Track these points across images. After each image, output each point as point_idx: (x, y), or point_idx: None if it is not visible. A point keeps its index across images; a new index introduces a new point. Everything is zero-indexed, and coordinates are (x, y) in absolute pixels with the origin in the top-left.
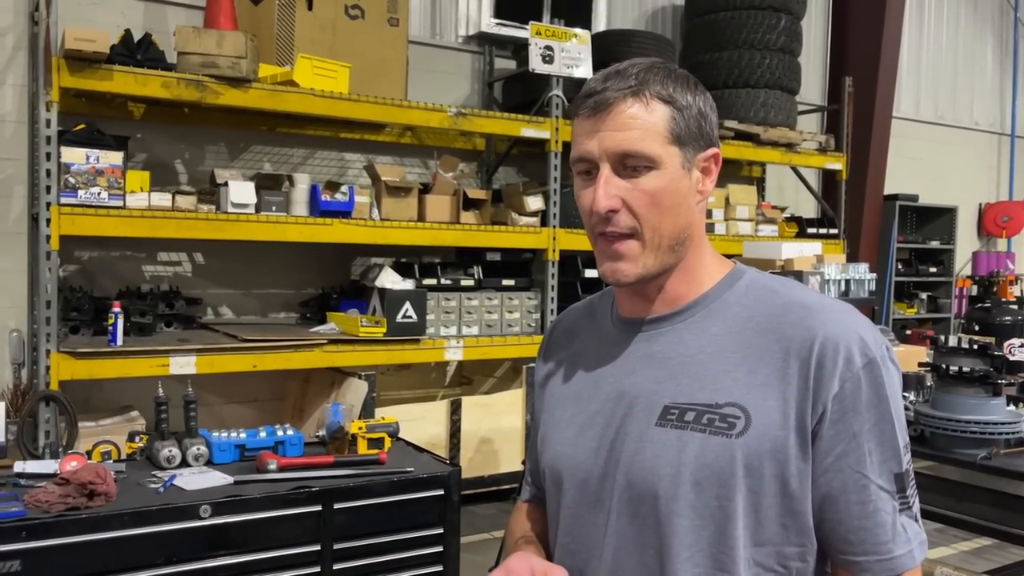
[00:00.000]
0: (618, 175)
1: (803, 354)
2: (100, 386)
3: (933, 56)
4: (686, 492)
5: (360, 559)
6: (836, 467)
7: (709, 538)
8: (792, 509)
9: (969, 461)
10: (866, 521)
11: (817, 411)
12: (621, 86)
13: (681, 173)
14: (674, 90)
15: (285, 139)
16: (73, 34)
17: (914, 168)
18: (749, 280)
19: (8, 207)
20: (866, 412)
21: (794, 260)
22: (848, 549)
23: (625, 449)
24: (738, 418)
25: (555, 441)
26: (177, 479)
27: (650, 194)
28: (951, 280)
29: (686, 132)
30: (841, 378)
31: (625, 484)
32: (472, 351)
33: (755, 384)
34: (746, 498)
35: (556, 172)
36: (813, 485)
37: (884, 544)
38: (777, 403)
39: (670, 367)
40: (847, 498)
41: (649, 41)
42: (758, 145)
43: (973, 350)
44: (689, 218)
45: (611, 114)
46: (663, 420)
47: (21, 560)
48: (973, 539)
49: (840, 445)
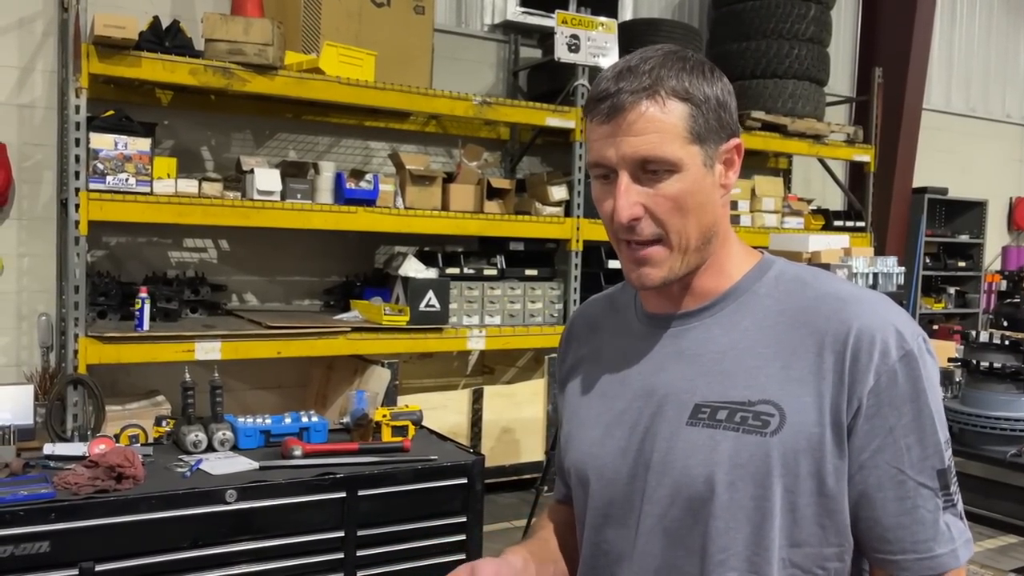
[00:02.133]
0: (638, 181)
1: (838, 348)
2: (127, 370)
3: (965, 47)
4: (720, 493)
5: (384, 546)
6: (872, 463)
7: (744, 540)
8: (829, 508)
9: (999, 458)
10: (904, 518)
11: (852, 406)
12: (635, 87)
13: (703, 172)
14: (690, 84)
15: (310, 127)
16: (103, 20)
17: (944, 161)
18: (779, 271)
19: (37, 192)
20: (903, 406)
21: (821, 253)
22: (886, 548)
23: (656, 449)
24: (772, 416)
25: (581, 440)
26: (203, 464)
27: (673, 199)
28: (980, 275)
29: (706, 128)
30: (877, 371)
31: (655, 485)
32: (494, 341)
33: (789, 380)
34: (782, 498)
35: (580, 162)
36: (849, 482)
37: (924, 543)
38: (812, 399)
39: (700, 364)
40: (884, 495)
41: (676, 30)
42: (785, 136)
43: (1005, 346)
44: (714, 215)
45: (627, 119)
46: (694, 419)
47: (50, 541)
48: (999, 536)
49: (876, 440)
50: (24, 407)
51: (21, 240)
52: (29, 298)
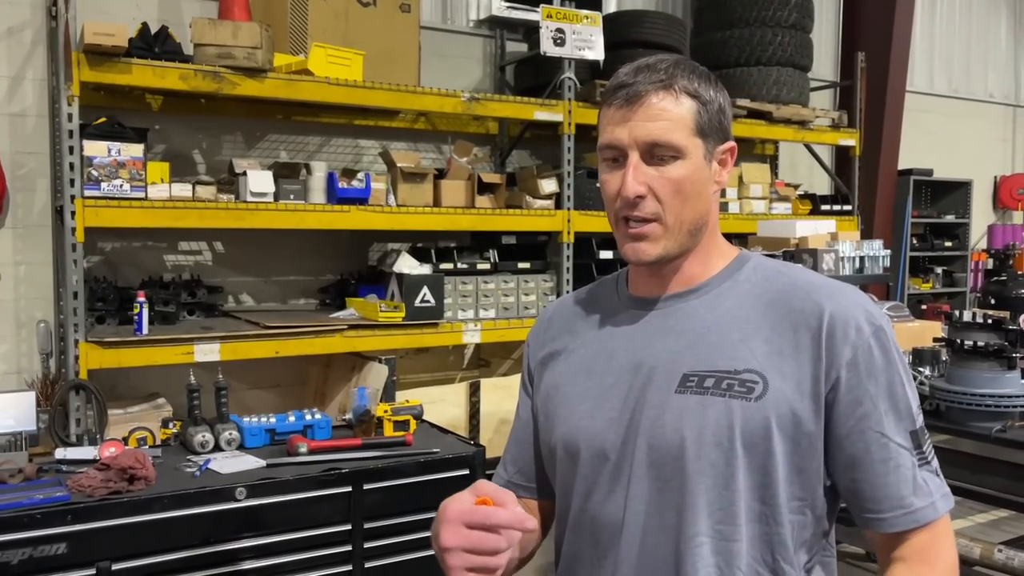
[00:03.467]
0: (645, 163)
1: (813, 325)
2: (126, 374)
3: (946, 28)
4: (708, 452)
5: (390, 537)
6: (858, 429)
7: (725, 494)
8: (798, 466)
9: (984, 434)
10: (889, 477)
11: (831, 378)
12: (652, 79)
13: (703, 163)
14: (699, 85)
15: (301, 127)
16: (92, 28)
17: (928, 142)
18: (755, 263)
19: (32, 200)
20: (880, 375)
21: (808, 238)
22: (875, 507)
23: (645, 416)
24: (756, 383)
25: (569, 415)
26: (212, 463)
27: (675, 182)
28: (967, 254)
29: (708, 125)
30: (853, 346)
31: (646, 449)
32: (489, 334)
33: (770, 353)
34: (761, 456)
35: (570, 155)
36: (838, 450)
37: (905, 498)
38: (791, 370)
39: (687, 338)
40: (871, 458)
41: (660, 21)
42: (771, 123)
43: (988, 324)
44: (707, 206)
45: (643, 105)
46: (682, 387)
47: (67, 543)
48: (990, 511)
49: (859, 408)
50: (27, 414)
51: (17, 248)
52: (27, 305)
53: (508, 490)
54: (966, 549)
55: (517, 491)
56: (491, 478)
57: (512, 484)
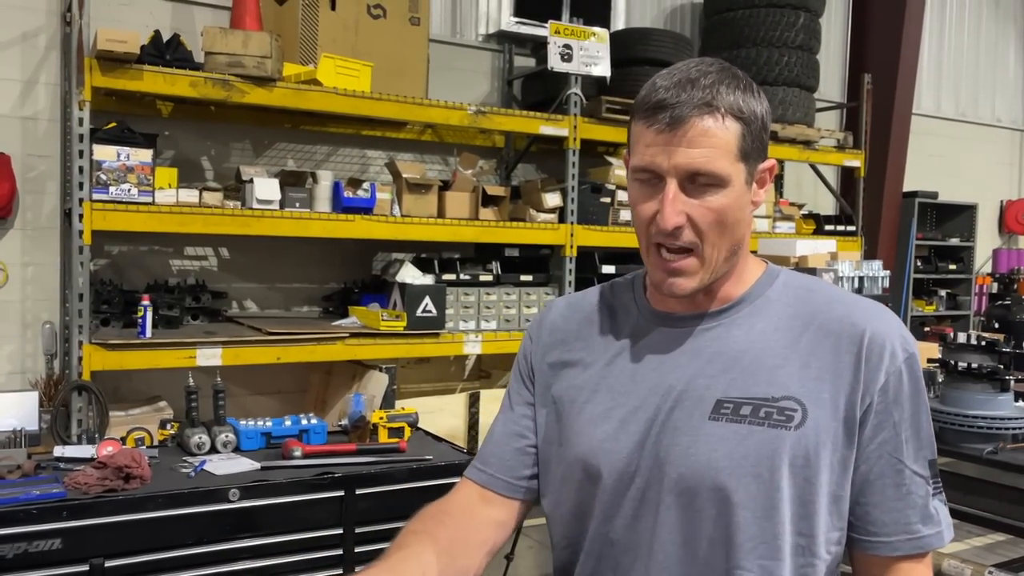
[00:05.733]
0: (684, 191)
1: (854, 348)
2: (129, 377)
3: (955, 52)
4: (748, 483)
5: (381, 542)
6: (876, 454)
7: (766, 528)
8: (836, 496)
9: (975, 455)
10: (899, 503)
11: (865, 402)
12: (696, 100)
13: (744, 189)
14: (743, 102)
15: (308, 136)
16: (105, 35)
17: (934, 165)
18: (785, 279)
19: (41, 203)
20: (906, 403)
21: (808, 257)
22: (882, 531)
23: (676, 443)
24: (795, 411)
25: (591, 435)
26: (207, 464)
27: (716, 212)
28: (971, 277)
29: (752, 147)
30: (887, 371)
31: (677, 477)
32: (490, 345)
33: (808, 378)
34: (800, 487)
35: (574, 169)
36: (853, 471)
37: (914, 524)
38: (829, 396)
39: (720, 362)
40: (884, 482)
41: (667, 39)
42: (776, 142)
43: (981, 346)
44: (745, 230)
45: (686, 131)
46: (716, 414)
47: (62, 538)
48: (987, 535)
49: (882, 434)
50: (29, 413)
51: (25, 249)
52: (33, 306)
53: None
54: (956, 571)
55: (498, 488)
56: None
57: (495, 479)
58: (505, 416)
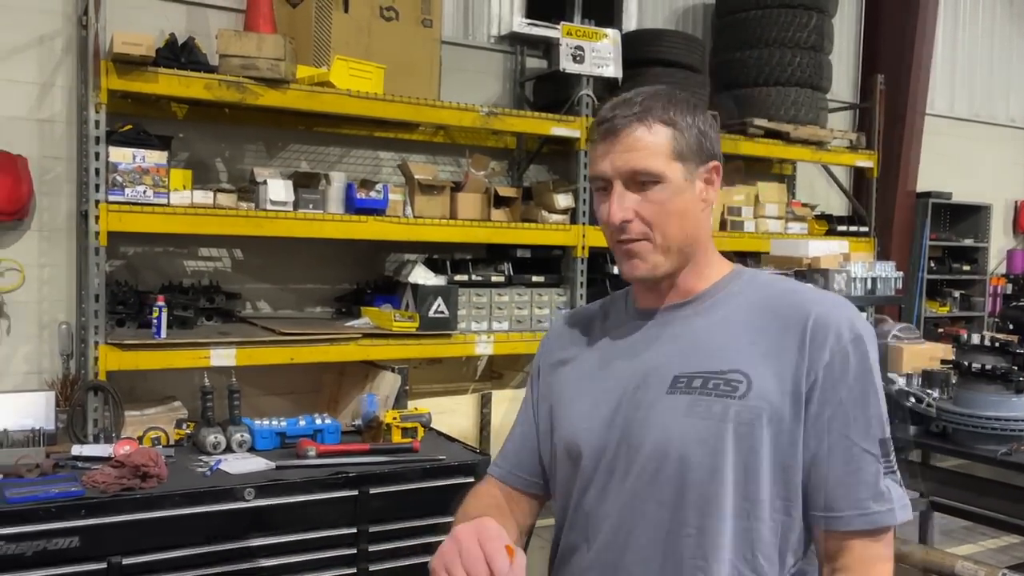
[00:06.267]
0: (629, 190)
1: (798, 328)
2: (144, 377)
3: (968, 52)
4: (694, 449)
5: (394, 541)
6: (824, 430)
7: (715, 488)
8: (782, 464)
9: (990, 456)
10: (849, 478)
11: (810, 379)
12: (626, 113)
13: (684, 185)
14: (674, 113)
15: (321, 138)
16: (121, 38)
17: (948, 165)
18: (750, 276)
19: (57, 204)
20: (853, 381)
21: (820, 258)
22: (832, 506)
23: (636, 417)
24: (740, 382)
25: (569, 417)
26: (222, 463)
27: (658, 204)
28: (984, 278)
29: (687, 149)
30: (831, 350)
31: (637, 445)
32: (502, 346)
33: (755, 354)
34: (746, 455)
35: (585, 170)
36: (804, 447)
37: (864, 500)
38: (774, 370)
39: (679, 344)
40: (833, 458)
41: (679, 40)
42: (788, 143)
43: (995, 348)
44: (696, 223)
45: (620, 138)
46: (673, 388)
47: (80, 536)
48: (1000, 536)
49: (828, 410)
50: (46, 413)
51: (42, 251)
52: (50, 307)
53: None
54: (970, 572)
55: (515, 483)
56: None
57: (512, 475)
58: (523, 416)
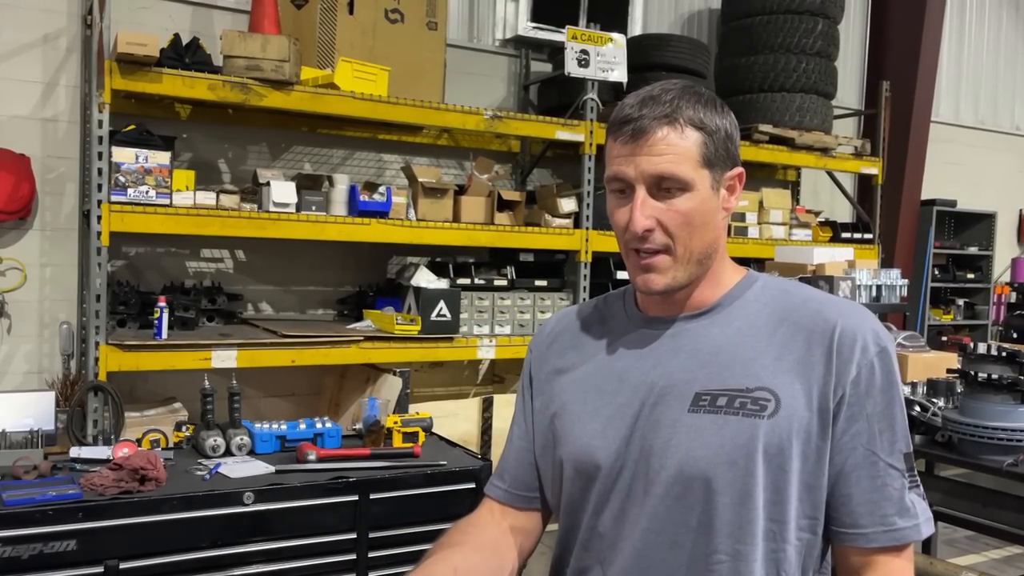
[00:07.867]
0: (652, 196)
1: (824, 342)
2: (145, 378)
3: (974, 60)
4: (724, 471)
5: (395, 547)
6: (850, 446)
7: (747, 514)
8: (809, 484)
9: (995, 467)
10: (874, 495)
11: (838, 394)
12: (656, 113)
13: (711, 194)
14: (704, 115)
15: (325, 140)
16: (125, 38)
17: (953, 173)
18: (763, 282)
19: (60, 204)
20: (879, 396)
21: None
22: (858, 522)
23: (658, 436)
24: (768, 401)
25: (580, 434)
26: (222, 467)
27: (683, 214)
28: (989, 286)
29: (715, 155)
30: (858, 364)
31: (660, 469)
32: (504, 350)
33: (781, 370)
34: (773, 474)
35: (590, 175)
36: (829, 462)
37: (890, 516)
38: (802, 387)
39: (698, 358)
40: (859, 474)
41: (684, 45)
42: (793, 149)
43: (1002, 357)
44: (716, 233)
45: (648, 140)
46: (695, 406)
47: (77, 539)
48: (1005, 547)
49: (855, 425)
50: (46, 413)
51: (44, 250)
52: (51, 307)
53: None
54: None
55: (516, 502)
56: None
57: (511, 494)
58: (517, 430)
